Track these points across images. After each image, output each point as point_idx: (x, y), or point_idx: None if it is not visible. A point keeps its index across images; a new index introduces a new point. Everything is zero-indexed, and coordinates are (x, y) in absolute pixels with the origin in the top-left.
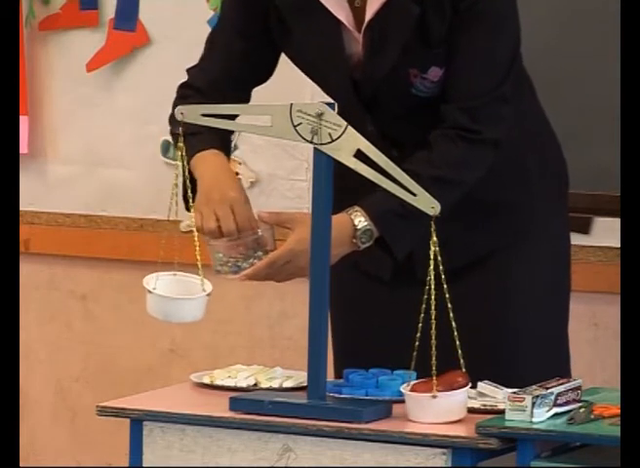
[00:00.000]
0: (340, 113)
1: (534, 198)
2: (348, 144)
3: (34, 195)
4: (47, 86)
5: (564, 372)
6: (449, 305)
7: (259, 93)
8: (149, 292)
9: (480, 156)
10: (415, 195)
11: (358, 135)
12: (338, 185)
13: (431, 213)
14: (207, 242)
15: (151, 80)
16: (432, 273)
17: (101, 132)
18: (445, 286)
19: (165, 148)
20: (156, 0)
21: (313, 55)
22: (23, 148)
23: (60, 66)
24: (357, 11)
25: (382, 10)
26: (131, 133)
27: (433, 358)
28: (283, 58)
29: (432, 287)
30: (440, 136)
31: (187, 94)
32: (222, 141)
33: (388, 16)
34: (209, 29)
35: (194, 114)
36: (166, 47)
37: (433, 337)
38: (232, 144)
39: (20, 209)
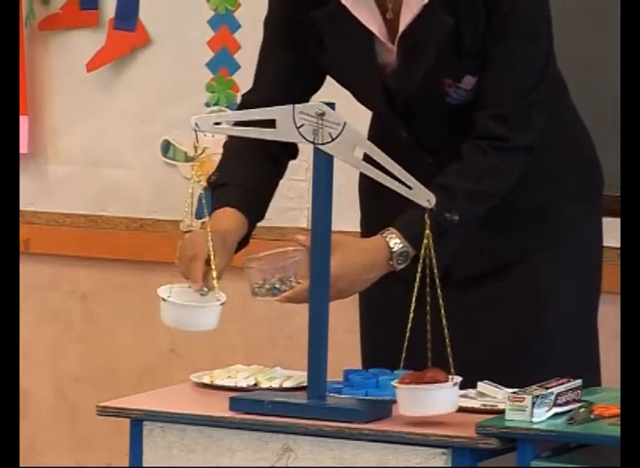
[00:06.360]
0: (374, 120)
1: (565, 200)
2: (347, 142)
3: (34, 195)
4: (47, 86)
5: (594, 372)
6: (440, 304)
7: None
8: (164, 300)
9: (512, 165)
10: (410, 188)
11: (356, 131)
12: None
13: (426, 205)
14: (245, 265)
15: (151, 80)
16: (419, 273)
17: (101, 132)
18: (437, 281)
19: (165, 148)
20: (156, 0)
21: (347, 65)
22: (23, 148)
23: (60, 66)
24: (390, 22)
25: (416, 21)
26: (131, 133)
27: (403, 353)
28: None
29: (417, 283)
30: (472, 146)
31: None
32: (245, 198)
33: (422, 27)
34: (209, 29)
35: (207, 124)
36: (166, 47)
37: (407, 332)
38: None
39: (20, 209)
